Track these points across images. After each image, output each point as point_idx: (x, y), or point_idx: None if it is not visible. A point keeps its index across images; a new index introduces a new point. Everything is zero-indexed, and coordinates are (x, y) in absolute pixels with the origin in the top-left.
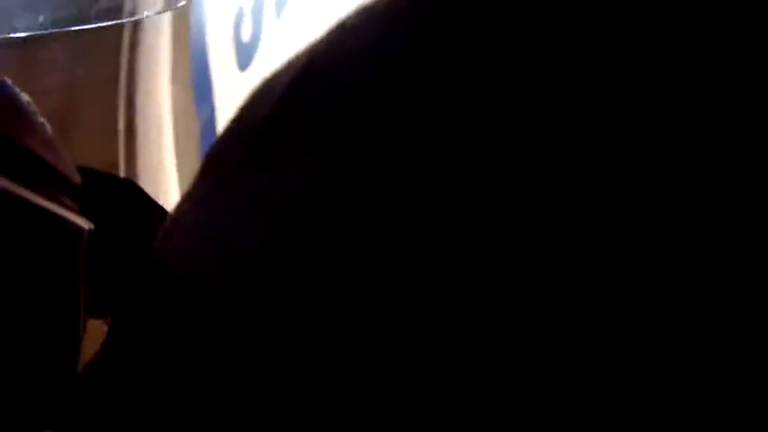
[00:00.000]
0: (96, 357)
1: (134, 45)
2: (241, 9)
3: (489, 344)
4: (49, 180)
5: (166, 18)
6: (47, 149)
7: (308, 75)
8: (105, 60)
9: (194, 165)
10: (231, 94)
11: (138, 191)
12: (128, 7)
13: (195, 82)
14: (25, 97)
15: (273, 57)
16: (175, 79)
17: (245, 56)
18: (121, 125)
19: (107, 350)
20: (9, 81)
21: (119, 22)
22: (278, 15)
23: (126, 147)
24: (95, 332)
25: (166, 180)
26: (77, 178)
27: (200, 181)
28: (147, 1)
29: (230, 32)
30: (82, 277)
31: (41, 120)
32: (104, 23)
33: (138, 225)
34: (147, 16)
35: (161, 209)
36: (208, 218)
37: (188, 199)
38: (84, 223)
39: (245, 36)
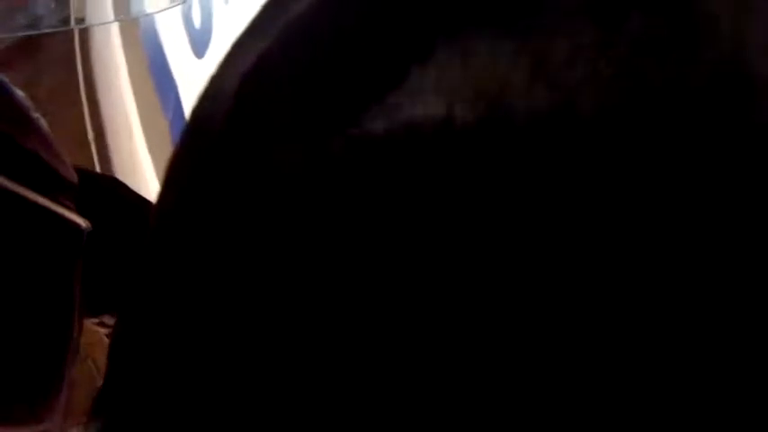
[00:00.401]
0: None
1: (86, 53)
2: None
3: (489, 343)
4: (49, 180)
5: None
6: (46, 149)
7: (255, 81)
8: (63, 71)
9: (166, 150)
10: (192, 84)
11: (124, 187)
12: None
13: (155, 76)
14: (22, 95)
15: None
16: (136, 80)
17: (199, 43)
18: (91, 135)
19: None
20: (6, 79)
21: (122, 20)
22: (225, 1)
23: (99, 154)
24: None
25: (145, 181)
26: (74, 178)
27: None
28: (96, 10)
29: (181, 21)
30: (79, 275)
31: (39, 117)
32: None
33: (128, 221)
34: (147, 15)
35: (147, 203)
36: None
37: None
38: (83, 222)
39: (197, 22)
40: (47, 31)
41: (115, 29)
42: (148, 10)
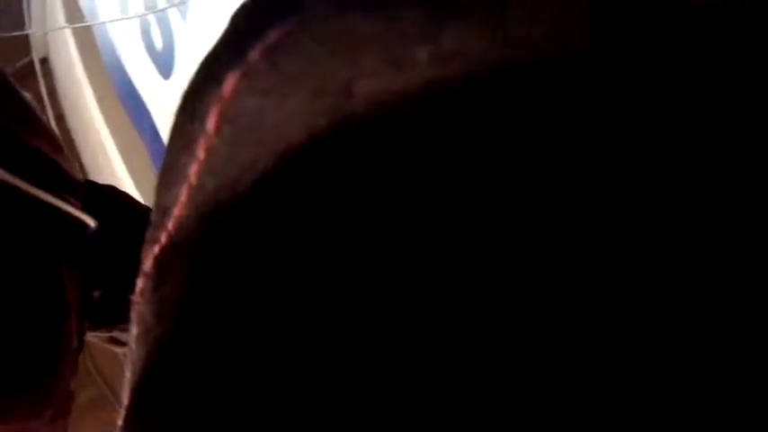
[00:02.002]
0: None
1: (47, 72)
2: (145, 18)
3: (488, 342)
4: (56, 178)
5: (71, 42)
6: (53, 149)
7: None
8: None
9: (147, 173)
10: (163, 104)
11: (128, 197)
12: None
13: (124, 100)
14: (27, 95)
15: (193, 60)
16: (106, 109)
17: (164, 64)
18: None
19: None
20: (11, 78)
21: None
22: (184, 19)
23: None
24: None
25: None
26: (80, 177)
27: None
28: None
29: (140, 43)
30: (77, 274)
31: (43, 117)
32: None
33: (134, 228)
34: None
35: (146, 208)
36: None
37: None
38: (90, 220)
39: (158, 44)
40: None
41: (78, 61)
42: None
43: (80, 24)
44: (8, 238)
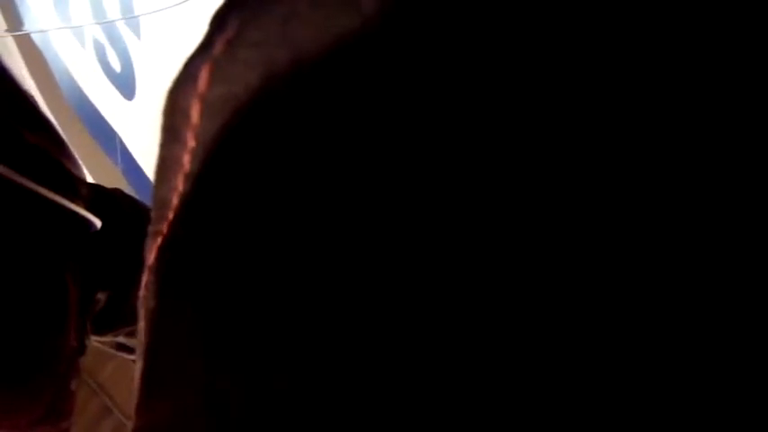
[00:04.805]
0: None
1: None
2: (96, 40)
3: (486, 341)
4: (59, 176)
5: (20, 63)
6: (55, 147)
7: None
8: None
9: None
10: (130, 126)
11: (129, 197)
12: None
13: (90, 126)
14: (30, 92)
15: (154, 81)
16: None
17: (125, 86)
18: None
19: None
20: (15, 75)
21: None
22: (138, 35)
23: None
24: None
25: None
26: (84, 177)
27: None
28: None
29: (98, 68)
30: (77, 273)
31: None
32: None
33: (134, 227)
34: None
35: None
36: None
37: None
38: (94, 218)
39: (116, 67)
40: None
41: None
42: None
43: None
44: (9, 235)
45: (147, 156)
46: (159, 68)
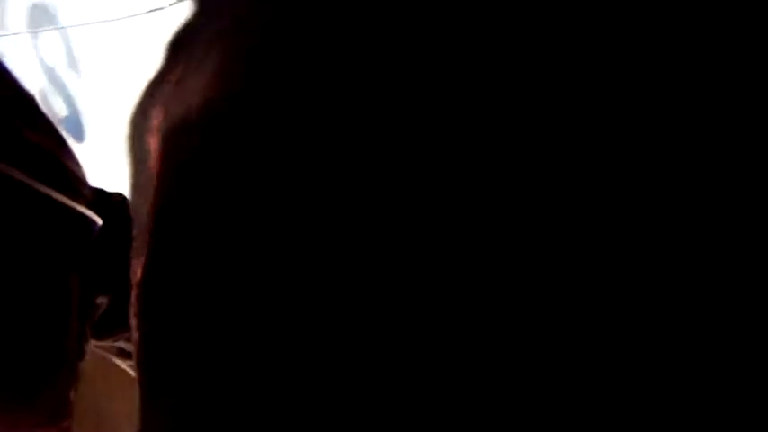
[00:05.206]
0: None
1: None
2: (41, 90)
3: (486, 340)
4: (59, 175)
5: None
6: (57, 146)
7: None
8: None
9: None
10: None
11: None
12: None
13: None
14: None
15: (101, 123)
16: None
17: (74, 130)
18: None
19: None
20: (17, 75)
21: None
22: (78, 73)
23: None
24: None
25: None
26: (86, 176)
27: None
28: None
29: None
30: (81, 276)
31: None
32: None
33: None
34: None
35: None
36: None
37: None
38: (96, 217)
39: (61, 112)
40: None
41: None
42: None
43: None
44: (11, 234)
45: None
46: (104, 109)
